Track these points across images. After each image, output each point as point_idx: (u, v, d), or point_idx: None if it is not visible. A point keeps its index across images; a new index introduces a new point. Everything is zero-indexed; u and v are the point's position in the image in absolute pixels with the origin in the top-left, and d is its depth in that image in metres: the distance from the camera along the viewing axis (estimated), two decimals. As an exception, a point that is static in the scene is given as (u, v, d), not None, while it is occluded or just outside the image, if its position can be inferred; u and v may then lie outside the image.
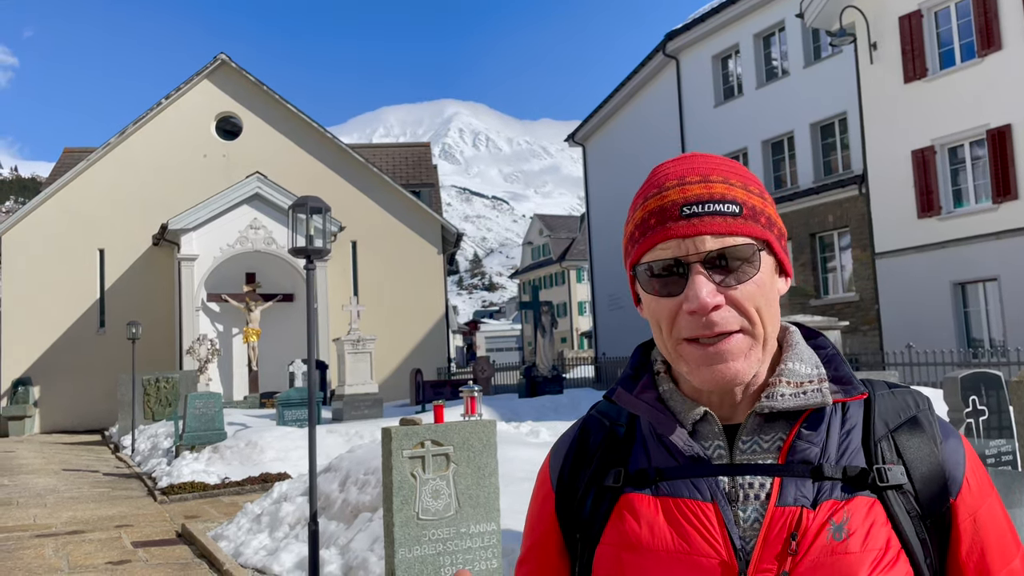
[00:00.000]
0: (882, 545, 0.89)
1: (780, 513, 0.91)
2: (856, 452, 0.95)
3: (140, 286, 24.22)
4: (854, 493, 0.92)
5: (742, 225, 0.93)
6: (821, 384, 0.98)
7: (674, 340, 0.94)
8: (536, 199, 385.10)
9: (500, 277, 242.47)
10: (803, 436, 0.95)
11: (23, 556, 7.67)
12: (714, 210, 0.92)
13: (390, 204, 26.15)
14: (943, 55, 16.50)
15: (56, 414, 23.34)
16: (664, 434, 0.98)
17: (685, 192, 0.93)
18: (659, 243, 0.93)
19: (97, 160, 24.40)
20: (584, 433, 1.07)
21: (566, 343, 55.42)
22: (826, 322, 11.61)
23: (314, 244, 6.11)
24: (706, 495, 0.94)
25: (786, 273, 1.00)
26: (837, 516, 0.90)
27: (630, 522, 0.95)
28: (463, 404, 10.43)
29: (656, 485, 0.96)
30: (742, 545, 0.91)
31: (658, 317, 0.95)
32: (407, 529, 4.52)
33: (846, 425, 0.97)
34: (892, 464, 0.94)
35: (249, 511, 8.02)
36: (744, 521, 0.92)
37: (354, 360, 15.66)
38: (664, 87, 25.96)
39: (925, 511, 0.94)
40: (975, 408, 5.95)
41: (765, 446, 0.96)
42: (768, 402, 0.95)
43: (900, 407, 0.99)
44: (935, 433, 0.97)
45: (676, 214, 0.92)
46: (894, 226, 17.21)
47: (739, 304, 0.92)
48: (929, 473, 0.95)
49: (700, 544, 0.91)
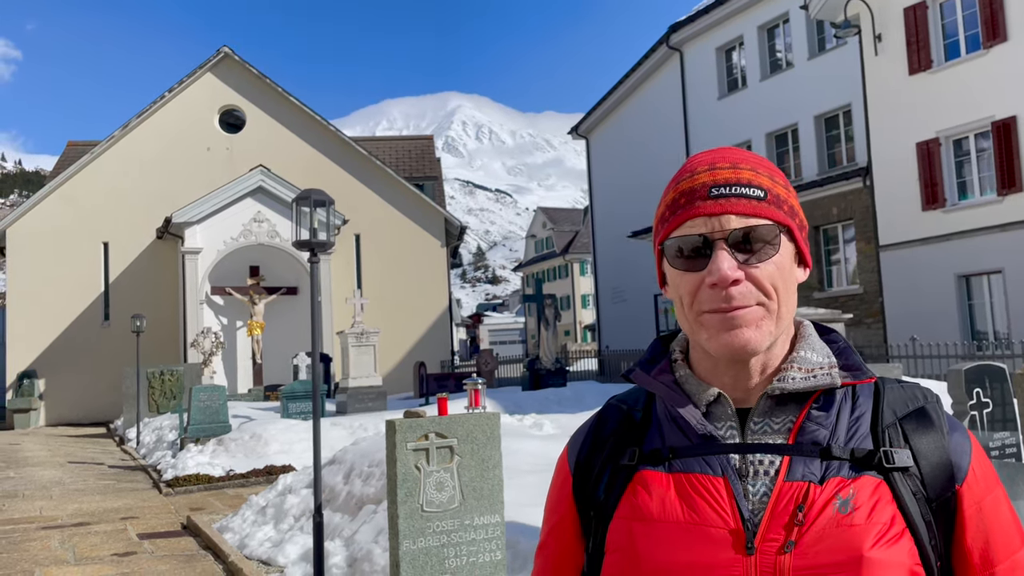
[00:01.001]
0: (887, 520, 0.92)
1: (788, 487, 0.94)
2: (864, 437, 0.98)
3: (144, 279, 24.27)
4: (861, 472, 0.95)
5: (766, 209, 0.98)
6: (831, 370, 1.01)
7: (695, 312, 0.99)
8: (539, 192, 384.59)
9: (503, 270, 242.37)
10: (813, 418, 0.99)
11: (29, 548, 7.71)
12: (741, 192, 0.98)
13: (393, 197, 26.14)
14: (948, 46, 16.43)
15: (61, 407, 23.42)
16: (678, 414, 1.02)
17: (715, 176, 0.99)
18: (688, 220, 0.99)
19: (101, 153, 24.41)
20: (602, 420, 1.11)
21: (569, 336, 55.43)
22: (830, 315, 11.59)
23: (318, 237, 6.11)
24: (717, 470, 0.97)
25: (805, 263, 1.04)
26: (843, 492, 0.93)
27: (643, 496, 0.99)
28: (467, 397, 10.43)
29: (669, 463, 1.00)
30: (750, 516, 0.94)
31: (681, 292, 1.00)
32: (411, 521, 4.54)
33: (856, 412, 1.00)
34: (899, 448, 0.98)
35: (254, 503, 8.04)
36: (753, 495, 0.96)
37: (358, 353, 15.68)
38: (668, 79, 25.89)
39: (931, 495, 0.96)
40: (979, 401, 5.95)
41: (776, 427, 0.99)
42: (779, 384, 0.99)
43: (908, 398, 1.02)
44: (943, 425, 1.00)
45: (705, 194, 0.98)
46: (898, 218, 17.16)
47: (758, 281, 0.97)
48: (936, 460, 0.98)
49: (709, 515, 0.95)
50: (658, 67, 26.40)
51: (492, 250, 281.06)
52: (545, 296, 18.14)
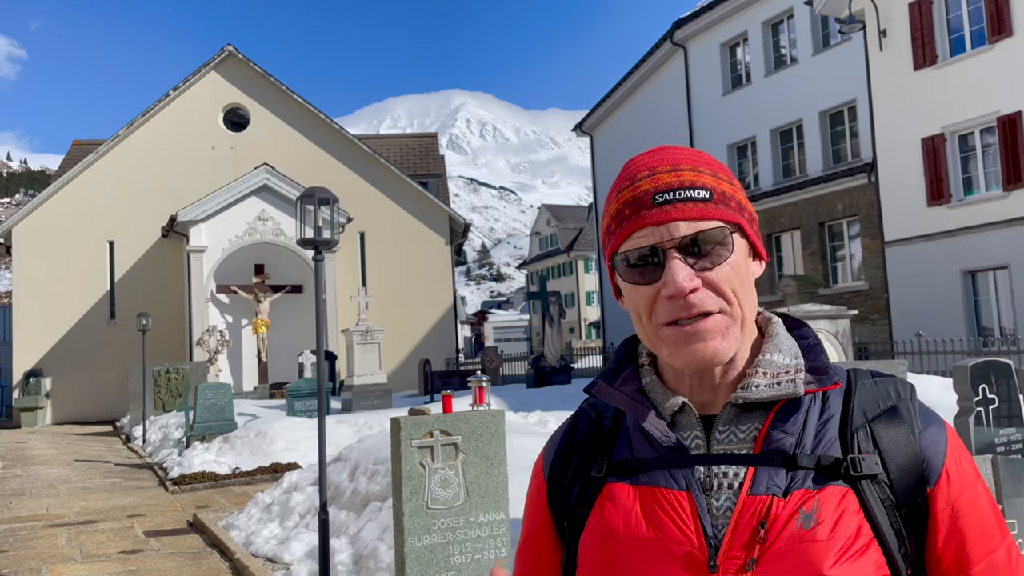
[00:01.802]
0: (851, 534, 0.89)
1: (751, 502, 0.92)
2: (832, 442, 0.95)
3: (150, 278, 24.33)
4: (827, 483, 0.92)
5: (713, 209, 0.94)
6: (796, 374, 0.98)
7: (654, 326, 0.96)
8: (544, 189, 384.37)
9: (508, 267, 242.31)
10: (777, 427, 0.96)
11: (36, 546, 7.75)
12: (685, 196, 0.94)
13: (398, 195, 26.15)
14: (953, 42, 16.36)
15: (68, 405, 23.50)
16: (643, 424, 1.00)
17: (656, 181, 0.95)
18: (634, 232, 0.95)
19: (106, 152, 24.47)
20: (574, 426, 1.10)
21: (574, 333, 55.42)
22: (835, 311, 11.58)
23: (322, 235, 6.11)
24: (681, 484, 0.95)
25: (760, 256, 1.01)
26: (807, 505, 0.91)
27: (610, 511, 0.98)
28: (471, 394, 10.43)
29: (636, 475, 0.98)
30: (714, 533, 0.92)
31: (638, 305, 0.97)
32: (416, 518, 4.55)
33: (824, 415, 0.97)
34: (867, 454, 0.94)
35: (260, 501, 8.07)
36: (717, 510, 0.94)
37: (363, 351, 15.70)
38: (672, 76, 25.84)
39: (901, 501, 0.94)
40: (985, 397, 5.93)
41: (741, 436, 0.97)
42: (742, 393, 0.96)
43: (880, 396, 0.99)
44: (914, 423, 0.97)
45: (649, 203, 0.94)
46: (904, 214, 17.12)
47: (715, 286, 0.94)
48: (905, 463, 0.95)
49: (673, 532, 0.93)
50: (662, 64, 26.35)
51: (496, 247, 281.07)
52: (550, 293, 18.14)
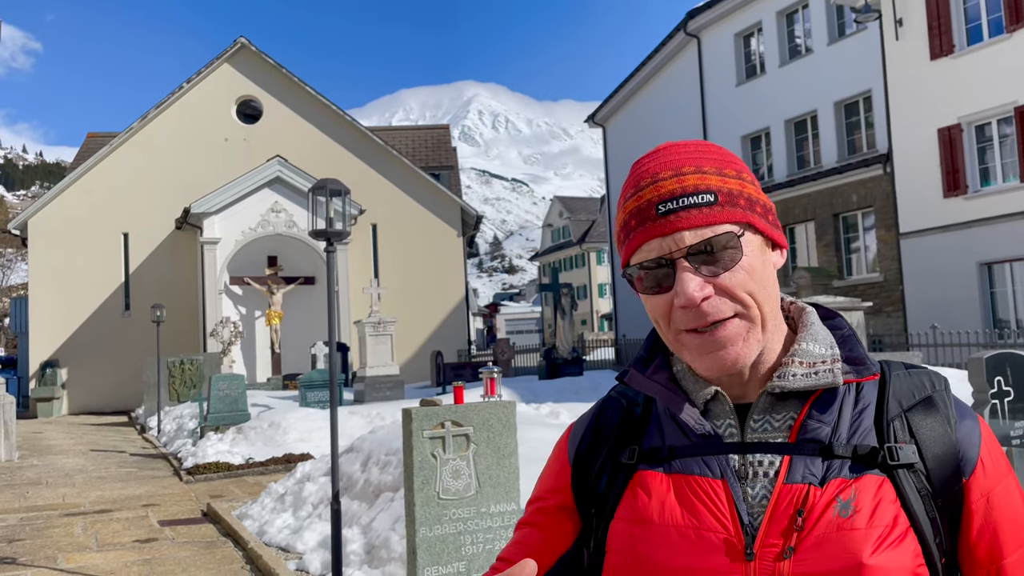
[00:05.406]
0: (888, 522, 0.89)
1: (788, 490, 0.92)
2: (868, 432, 0.95)
3: (164, 269, 24.49)
4: (863, 472, 0.92)
5: (719, 213, 0.92)
6: (834, 364, 0.97)
7: (674, 332, 0.95)
8: (556, 181, 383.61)
9: (520, 259, 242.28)
10: (814, 416, 0.95)
11: (53, 534, 7.83)
12: (689, 203, 0.92)
13: (410, 187, 26.17)
14: (970, 31, 16.19)
15: (83, 396, 23.73)
16: (675, 413, 0.99)
17: (659, 189, 0.94)
18: (641, 244, 0.94)
19: (120, 145, 24.60)
20: (602, 412, 1.09)
21: (586, 325, 55.38)
22: (849, 303, 11.50)
23: (334, 227, 6.12)
24: (716, 472, 0.95)
25: (779, 246, 1.00)
26: (844, 494, 0.90)
27: (642, 498, 0.97)
28: (483, 385, 10.45)
29: (668, 463, 0.98)
30: (750, 521, 0.92)
31: (655, 313, 0.96)
32: (428, 509, 4.56)
33: (859, 405, 0.97)
34: (904, 443, 0.94)
35: (273, 491, 8.12)
36: (752, 498, 0.93)
37: (375, 342, 15.75)
38: (685, 66, 25.69)
39: (936, 490, 0.93)
40: (1000, 389, 5.88)
41: (776, 425, 0.96)
42: (779, 382, 0.96)
43: (915, 387, 0.98)
44: (950, 414, 0.96)
45: (653, 213, 0.93)
46: (919, 206, 16.98)
47: (729, 291, 0.92)
48: (942, 453, 0.94)
49: (708, 520, 0.93)
50: (675, 54, 26.19)
51: (508, 239, 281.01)
52: (562, 285, 18.12)
